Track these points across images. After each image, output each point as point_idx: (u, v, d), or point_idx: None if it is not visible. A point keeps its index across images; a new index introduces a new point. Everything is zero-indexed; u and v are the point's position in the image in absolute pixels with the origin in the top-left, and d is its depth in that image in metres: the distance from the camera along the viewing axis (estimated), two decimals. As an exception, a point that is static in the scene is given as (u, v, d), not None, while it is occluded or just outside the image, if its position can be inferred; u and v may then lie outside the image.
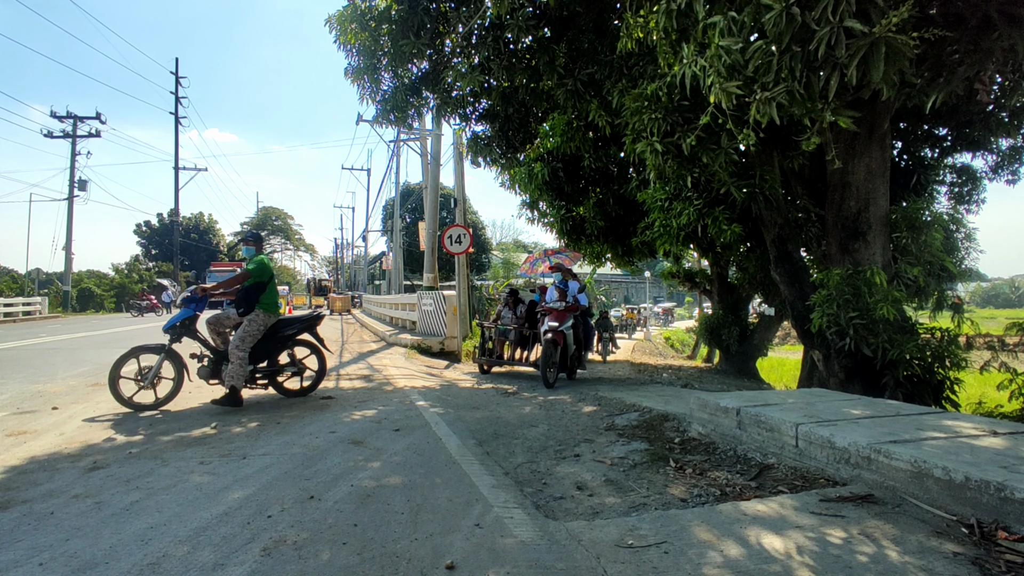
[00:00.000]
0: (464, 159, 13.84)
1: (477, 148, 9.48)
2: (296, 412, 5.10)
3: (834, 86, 3.52)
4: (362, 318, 24.20)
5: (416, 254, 33.63)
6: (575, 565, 2.10)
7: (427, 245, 15.73)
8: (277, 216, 69.10)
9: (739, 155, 6.09)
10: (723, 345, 11.46)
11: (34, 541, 2.38)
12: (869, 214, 5.86)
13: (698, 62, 4.00)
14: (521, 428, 4.56)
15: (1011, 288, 75.16)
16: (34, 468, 3.41)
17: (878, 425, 3.18)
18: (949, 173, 8.85)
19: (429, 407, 5.42)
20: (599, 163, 8.81)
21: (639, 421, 4.65)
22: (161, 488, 3.03)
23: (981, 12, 3.96)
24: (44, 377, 7.03)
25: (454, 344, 11.03)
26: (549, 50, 7.02)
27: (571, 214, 10.08)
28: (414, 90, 8.14)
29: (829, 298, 5.48)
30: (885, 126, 5.83)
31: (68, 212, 31.50)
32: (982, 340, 5.88)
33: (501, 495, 2.93)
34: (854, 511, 2.47)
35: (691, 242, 7.97)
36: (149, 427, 4.48)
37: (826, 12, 3.24)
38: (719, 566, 2.04)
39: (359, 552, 2.25)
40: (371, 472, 3.31)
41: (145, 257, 46.14)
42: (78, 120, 31.77)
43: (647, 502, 2.81)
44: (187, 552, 2.27)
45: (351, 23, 7.49)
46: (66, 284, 31.58)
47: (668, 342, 26.54)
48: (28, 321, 22.51)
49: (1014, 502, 2.16)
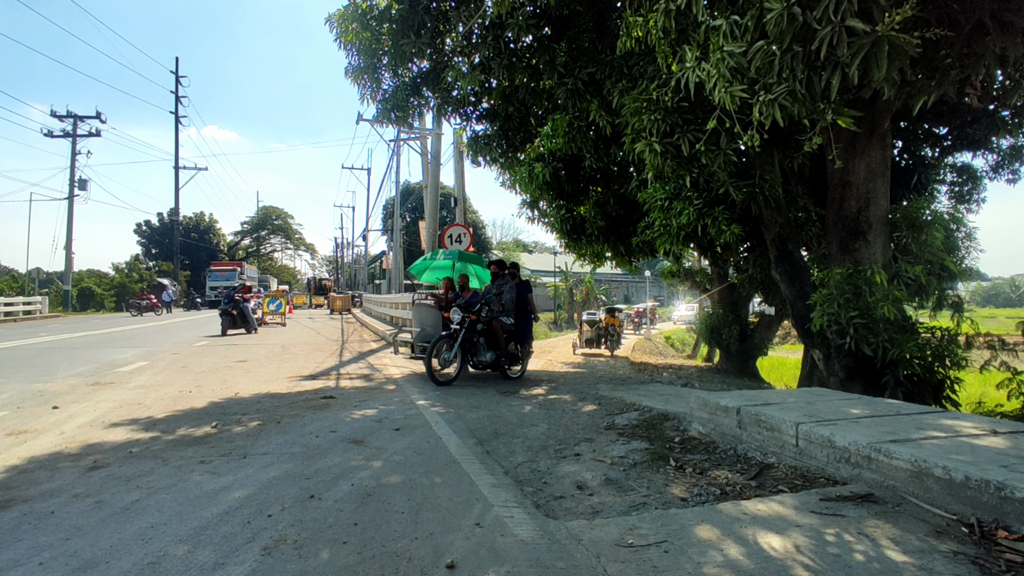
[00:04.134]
0: (464, 158, 13.86)
1: (477, 147, 9.48)
2: (297, 411, 5.11)
3: (835, 86, 3.52)
4: (362, 317, 24.20)
5: (416, 253, 33.63)
6: (575, 564, 2.10)
7: (427, 244, 15.73)
8: (277, 215, 69.06)
9: (738, 155, 6.08)
10: (723, 344, 11.47)
11: (34, 540, 2.39)
12: (869, 213, 5.86)
13: (702, 66, 4.00)
14: (521, 427, 4.56)
15: (1011, 287, 75.13)
16: (34, 467, 3.42)
17: (878, 424, 3.18)
18: (949, 172, 8.85)
19: (429, 406, 5.42)
20: (599, 163, 8.80)
21: (639, 420, 4.65)
22: (161, 487, 3.04)
23: (975, 16, 3.97)
24: (44, 376, 7.03)
25: (454, 343, 11.02)
26: (549, 49, 7.01)
27: (571, 214, 10.08)
28: (414, 89, 8.13)
29: (829, 297, 5.48)
30: (886, 125, 5.83)
31: (68, 211, 31.50)
32: (982, 339, 5.88)
33: (501, 494, 2.93)
34: (854, 510, 2.47)
35: (691, 242, 7.95)
36: (149, 426, 4.48)
37: (828, 11, 3.24)
38: (719, 565, 2.04)
39: (359, 551, 2.25)
40: (371, 471, 3.32)
41: (145, 256, 46.12)
42: (78, 119, 31.75)
43: (647, 501, 2.81)
44: (187, 551, 2.27)
45: (352, 22, 7.49)
46: (66, 283, 31.58)
47: (668, 341, 26.53)
48: (28, 320, 22.51)
49: (1014, 501, 2.16)
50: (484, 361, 7.09)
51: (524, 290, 7.89)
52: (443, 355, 6.79)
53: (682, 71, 4.25)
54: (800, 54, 3.51)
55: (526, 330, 7.81)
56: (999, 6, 3.89)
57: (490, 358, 7.08)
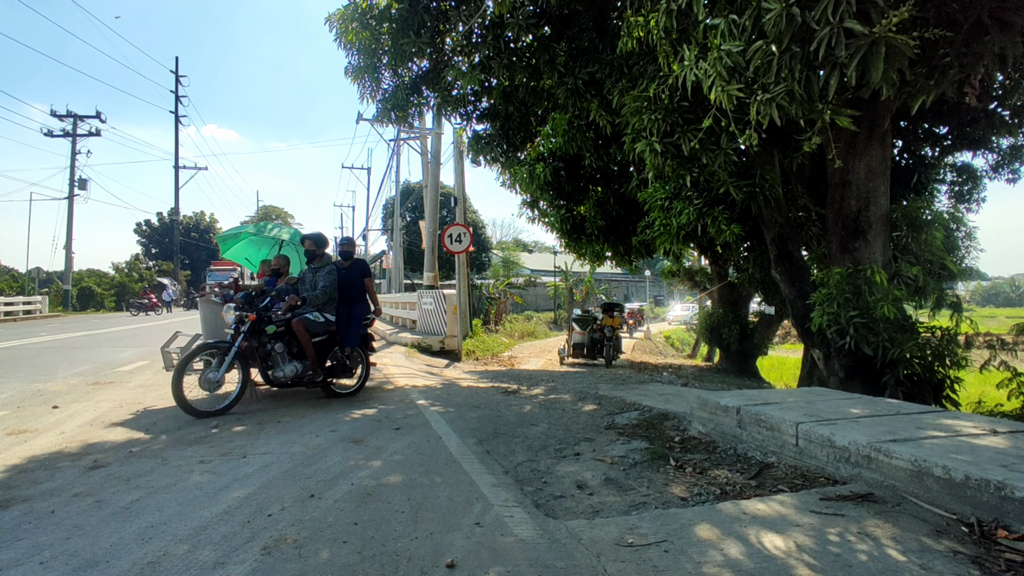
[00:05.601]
0: (464, 158, 13.86)
1: (478, 147, 9.48)
2: (296, 411, 5.11)
3: (834, 86, 3.52)
4: (362, 317, 24.14)
5: (416, 253, 33.66)
6: (575, 564, 2.10)
7: (427, 244, 15.74)
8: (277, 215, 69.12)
9: (739, 155, 6.09)
10: (723, 344, 11.47)
11: (35, 540, 2.39)
12: (869, 213, 5.86)
13: (700, 64, 4.01)
14: (521, 427, 4.57)
15: (1011, 287, 75.11)
16: (35, 467, 3.42)
17: (878, 424, 3.19)
18: (949, 172, 8.85)
19: (429, 406, 5.42)
20: (600, 162, 8.80)
21: (639, 420, 4.65)
22: (161, 487, 3.04)
23: (974, 15, 3.97)
24: (44, 376, 7.04)
25: (454, 343, 11.04)
26: (549, 49, 7.01)
27: (571, 213, 10.08)
28: (414, 89, 8.13)
29: (829, 297, 5.48)
30: (885, 125, 5.83)
31: (68, 211, 31.49)
32: (982, 339, 5.88)
33: (501, 494, 2.93)
34: (854, 510, 2.47)
35: (691, 241, 7.96)
36: (150, 426, 4.49)
37: (826, 12, 3.24)
38: (719, 565, 2.04)
39: (359, 551, 2.26)
40: (371, 471, 3.32)
41: (145, 256, 46.10)
42: (78, 119, 31.74)
43: (647, 501, 2.81)
44: (187, 551, 2.27)
45: (351, 22, 7.50)
46: (66, 283, 31.56)
47: (668, 341, 26.54)
48: (28, 320, 22.52)
49: (1014, 501, 2.16)
50: (283, 376, 5.22)
51: (356, 274, 6.01)
52: (208, 373, 4.88)
53: (681, 70, 4.25)
54: (799, 54, 3.51)
55: (354, 328, 5.78)
56: (998, 5, 3.89)
57: (293, 371, 5.25)
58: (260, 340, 5.20)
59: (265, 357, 5.25)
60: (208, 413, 4.79)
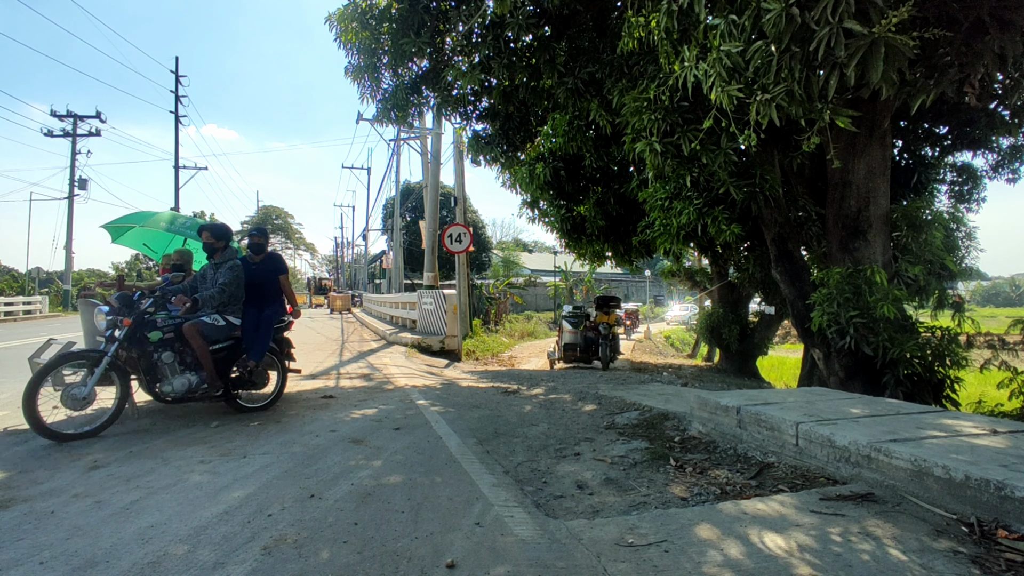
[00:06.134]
0: (464, 158, 13.86)
1: (478, 147, 9.48)
2: (296, 411, 5.11)
3: (833, 86, 3.52)
4: (362, 317, 24.20)
5: (416, 253, 33.67)
6: (575, 564, 2.10)
7: (427, 244, 15.74)
8: (277, 215, 69.19)
9: (739, 155, 6.09)
10: (723, 344, 11.49)
11: (35, 540, 2.39)
12: (869, 213, 5.86)
13: (700, 65, 4.01)
14: (521, 427, 4.56)
15: (1011, 287, 75.15)
16: (35, 467, 3.42)
17: (878, 424, 3.18)
18: (949, 172, 8.86)
19: (429, 406, 5.42)
20: (600, 162, 8.80)
21: (639, 420, 4.65)
22: (161, 487, 3.04)
23: (974, 15, 3.97)
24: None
25: (454, 343, 11.05)
26: (549, 49, 7.01)
27: (571, 213, 10.08)
28: (414, 88, 8.14)
29: (829, 297, 5.48)
30: (885, 125, 5.83)
31: (68, 211, 31.46)
32: (982, 339, 5.88)
33: (501, 494, 2.93)
34: (854, 510, 2.47)
35: (691, 241, 7.96)
36: (149, 426, 4.48)
37: (825, 12, 3.24)
38: (719, 565, 2.04)
39: (359, 551, 2.26)
40: (371, 471, 3.32)
41: (145, 256, 46.11)
42: (78, 119, 31.71)
43: (647, 501, 2.81)
44: (187, 551, 2.27)
45: (351, 21, 7.50)
46: (67, 283, 31.56)
47: (668, 341, 26.55)
48: (29, 320, 22.52)
49: (1014, 500, 2.16)
50: (172, 390, 4.42)
51: (268, 270, 5.31)
52: (73, 389, 4.05)
53: (681, 70, 4.25)
54: (798, 54, 3.51)
55: (262, 335, 5.00)
56: (998, 4, 3.89)
57: (185, 385, 4.48)
58: (143, 349, 4.37)
59: (150, 368, 4.41)
60: (73, 436, 3.97)
